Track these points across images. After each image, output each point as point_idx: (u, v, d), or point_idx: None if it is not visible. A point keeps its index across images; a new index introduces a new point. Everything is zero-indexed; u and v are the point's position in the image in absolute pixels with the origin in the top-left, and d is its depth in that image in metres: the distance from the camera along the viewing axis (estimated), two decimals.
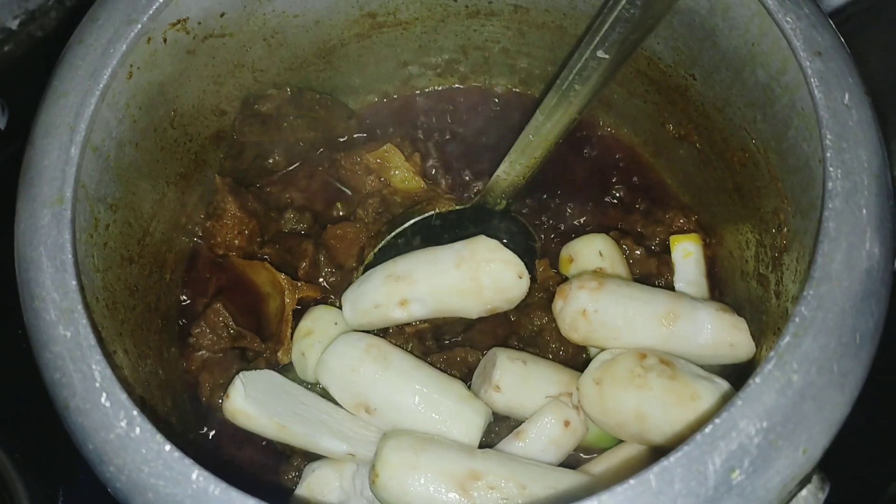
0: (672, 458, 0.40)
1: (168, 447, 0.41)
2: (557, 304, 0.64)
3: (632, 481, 0.39)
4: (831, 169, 0.45)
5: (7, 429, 0.78)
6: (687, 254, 0.72)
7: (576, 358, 0.67)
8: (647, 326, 0.61)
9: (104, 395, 0.42)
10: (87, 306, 0.45)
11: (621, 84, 0.75)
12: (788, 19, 0.49)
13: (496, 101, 0.83)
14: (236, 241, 0.74)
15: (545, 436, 0.60)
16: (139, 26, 0.51)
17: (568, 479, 0.56)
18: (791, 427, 0.40)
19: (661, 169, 0.78)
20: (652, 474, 0.40)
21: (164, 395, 0.60)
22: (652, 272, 0.72)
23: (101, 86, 0.50)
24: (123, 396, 0.42)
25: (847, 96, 0.47)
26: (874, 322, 0.43)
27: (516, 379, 0.61)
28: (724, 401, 0.52)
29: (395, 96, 0.84)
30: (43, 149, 0.48)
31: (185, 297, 0.74)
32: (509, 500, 0.53)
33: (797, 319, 0.42)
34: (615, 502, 0.39)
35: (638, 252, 0.72)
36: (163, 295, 0.69)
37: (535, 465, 0.58)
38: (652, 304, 0.62)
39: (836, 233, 0.44)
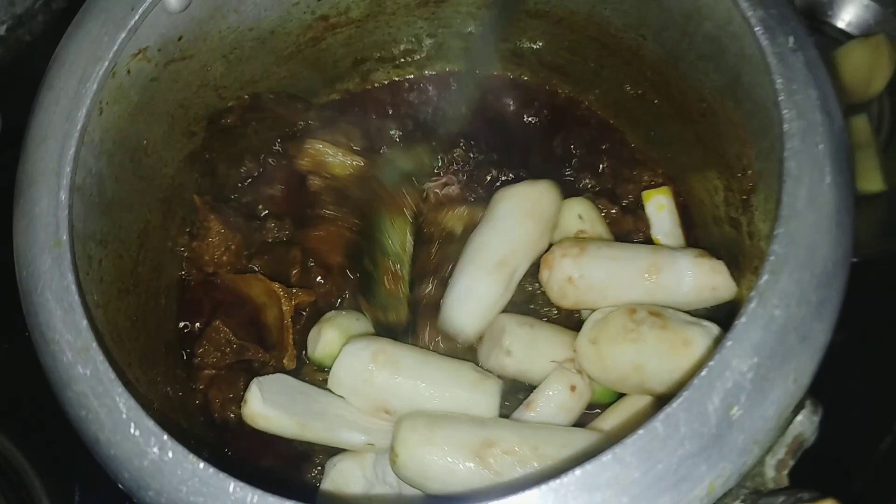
0: (675, 404, 0.42)
1: (202, 465, 0.43)
2: (544, 275, 0.66)
3: (641, 431, 0.42)
4: (785, 111, 0.48)
5: (23, 428, 0.80)
6: (660, 206, 0.75)
7: (569, 319, 0.70)
8: (632, 282, 0.64)
9: (132, 424, 0.44)
10: (101, 342, 0.47)
11: (575, 52, 0.77)
12: None
13: (453, 84, 0.85)
14: (224, 258, 0.76)
15: (554, 403, 0.62)
16: (105, 63, 0.53)
17: (579, 437, 0.59)
18: (779, 359, 0.43)
19: (624, 128, 0.81)
20: (658, 422, 0.42)
21: (178, 418, 0.61)
22: (629, 229, 0.74)
23: (79, 127, 0.51)
24: (151, 423, 0.44)
25: (791, 39, 0.50)
26: (843, 249, 0.45)
27: (525, 343, 0.64)
28: (716, 342, 0.55)
29: (356, 92, 0.86)
30: (32, 197, 0.49)
31: (183, 323, 0.75)
32: (524, 462, 0.56)
33: (772, 258, 0.45)
34: (628, 453, 0.42)
35: (614, 211, 0.74)
36: (161, 321, 0.71)
37: (546, 427, 0.60)
38: (633, 260, 0.64)
39: (797, 171, 0.47)
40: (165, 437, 0.44)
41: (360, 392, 0.61)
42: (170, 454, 0.43)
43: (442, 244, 0.71)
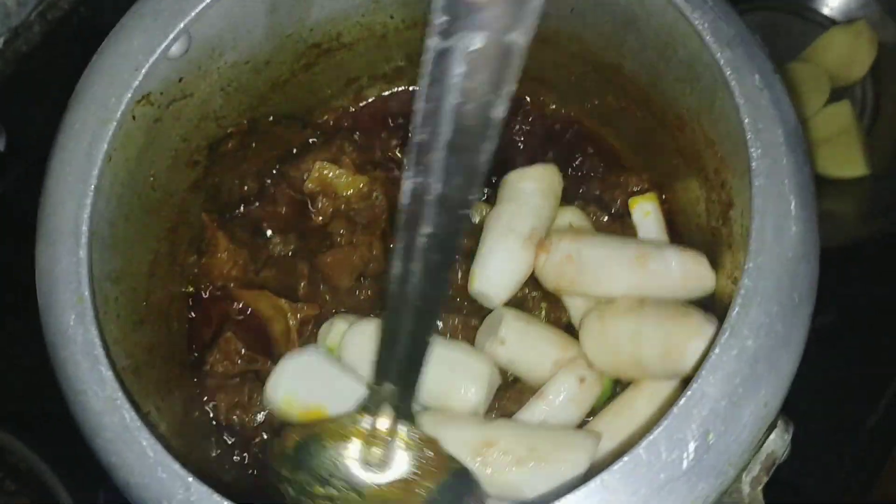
0: (655, 433, 0.46)
1: (226, 503, 0.47)
2: (540, 259, 0.70)
3: (626, 458, 0.46)
4: (752, 150, 0.51)
5: (44, 434, 0.84)
6: (646, 213, 0.78)
7: (557, 324, 0.74)
8: (623, 266, 0.67)
9: (159, 468, 0.48)
10: (126, 392, 0.51)
11: (561, 67, 0.79)
12: (695, 15, 0.54)
13: None
14: (233, 272, 0.79)
15: (564, 395, 0.67)
16: (114, 124, 0.56)
17: (577, 438, 0.62)
18: (751, 386, 0.47)
19: (609, 136, 0.84)
20: (641, 449, 0.46)
21: (199, 441, 0.66)
22: (617, 234, 0.78)
23: (92, 187, 0.54)
24: (177, 466, 0.48)
25: (757, 78, 0.53)
26: (808, 282, 0.49)
27: (519, 335, 0.68)
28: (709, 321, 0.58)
29: (350, 109, 0.88)
30: (52, 257, 0.53)
31: (194, 339, 0.79)
32: (521, 463, 0.60)
33: (743, 291, 0.48)
34: (615, 479, 0.46)
35: (604, 219, 0.78)
36: (175, 345, 0.75)
37: (545, 428, 0.65)
38: (624, 247, 0.69)
39: (764, 207, 0.50)
40: (190, 479, 0.48)
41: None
42: (195, 496, 0.47)
43: None
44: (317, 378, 0.67)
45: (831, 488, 0.86)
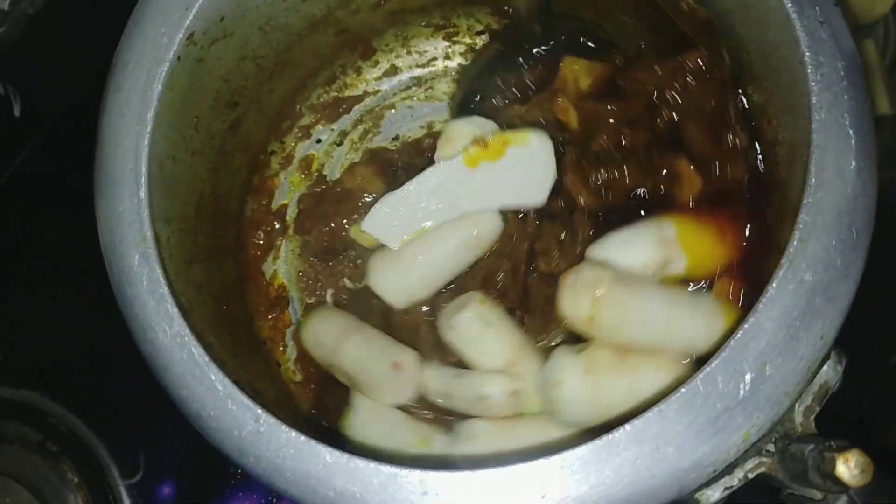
0: (713, 364, 0.47)
1: (294, 433, 0.49)
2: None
3: (683, 389, 0.47)
4: (813, 84, 0.51)
5: (85, 398, 0.86)
6: None
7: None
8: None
9: (229, 401, 0.50)
10: (193, 329, 0.52)
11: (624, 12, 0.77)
12: None
13: None
14: None
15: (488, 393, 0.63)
16: (167, 65, 0.56)
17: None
18: (808, 320, 0.48)
19: None
20: (698, 380, 0.47)
21: (263, 373, 0.68)
22: None
23: (149, 129, 0.55)
24: (246, 399, 0.50)
25: (818, 11, 0.52)
26: (866, 217, 0.49)
27: (476, 325, 0.64)
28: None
29: None
30: (115, 196, 0.54)
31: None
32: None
33: (801, 225, 0.49)
34: (672, 409, 0.47)
35: None
36: (224, 285, 0.76)
37: None
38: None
39: (824, 142, 0.50)
40: (260, 410, 0.49)
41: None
42: (264, 426, 0.49)
43: None
44: None
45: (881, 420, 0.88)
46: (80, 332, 0.90)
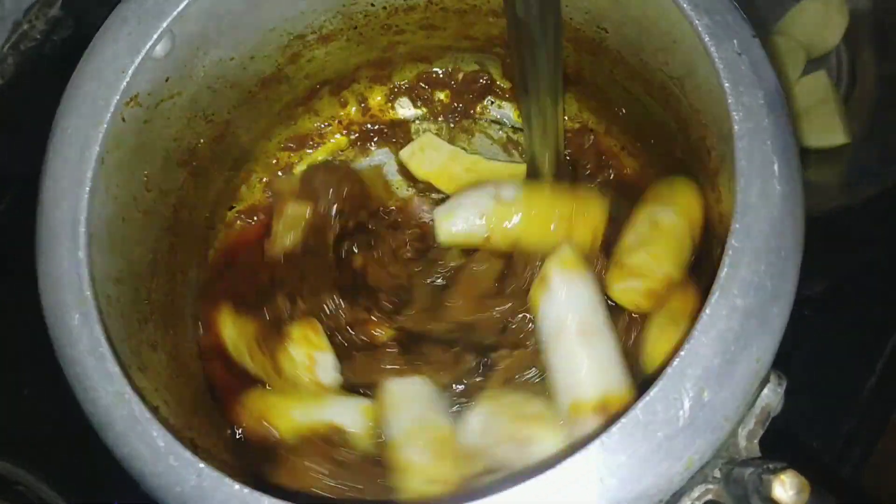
0: (652, 393, 0.48)
1: (237, 486, 0.48)
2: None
3: (623, 420, 0.47)
4: (734, 113, 0.52)
5: (58, 469, 0.86)
6: None
7: None
8: None
9: (171, 457, 0.49)
10: (134, 387, 0.52)
11: None
12: None
13: None
14: None
15: None
16: (105, 126, 0.56)
17: None
18: (742, 343, 0.48)
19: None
20: (638, 410, 0.47)
21: (210, 431, 0.67)
22: None
23: (88, 188, 0.55)
24: (188, 454, 0.49)
25: (736, 43, 0.54)
26: (794, 240, 0.50)
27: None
28: None
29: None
30: (53, 258, 0.54)
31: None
32: None
33: (730, 252, 0.50)
34: (614, 440, 0.47)
35: None
36: (179, 341, 0.75)
37: None
38: None
39: (748, 169, 0.51)
40: (202, 465, 0.49)
41: None
42: (206, 480, 0.48)
43: None
44: None
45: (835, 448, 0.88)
46: (48, 400, 0.88)
